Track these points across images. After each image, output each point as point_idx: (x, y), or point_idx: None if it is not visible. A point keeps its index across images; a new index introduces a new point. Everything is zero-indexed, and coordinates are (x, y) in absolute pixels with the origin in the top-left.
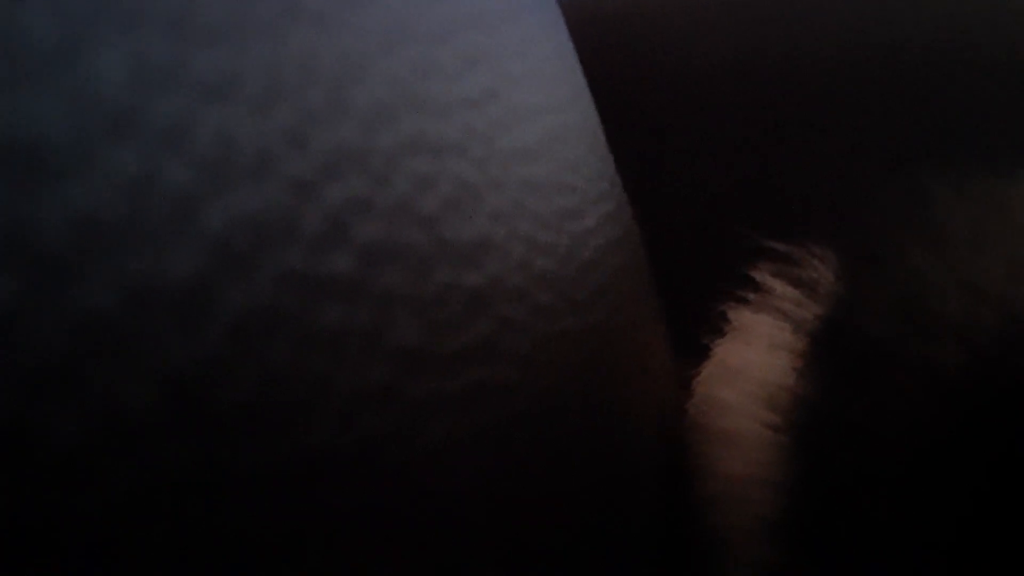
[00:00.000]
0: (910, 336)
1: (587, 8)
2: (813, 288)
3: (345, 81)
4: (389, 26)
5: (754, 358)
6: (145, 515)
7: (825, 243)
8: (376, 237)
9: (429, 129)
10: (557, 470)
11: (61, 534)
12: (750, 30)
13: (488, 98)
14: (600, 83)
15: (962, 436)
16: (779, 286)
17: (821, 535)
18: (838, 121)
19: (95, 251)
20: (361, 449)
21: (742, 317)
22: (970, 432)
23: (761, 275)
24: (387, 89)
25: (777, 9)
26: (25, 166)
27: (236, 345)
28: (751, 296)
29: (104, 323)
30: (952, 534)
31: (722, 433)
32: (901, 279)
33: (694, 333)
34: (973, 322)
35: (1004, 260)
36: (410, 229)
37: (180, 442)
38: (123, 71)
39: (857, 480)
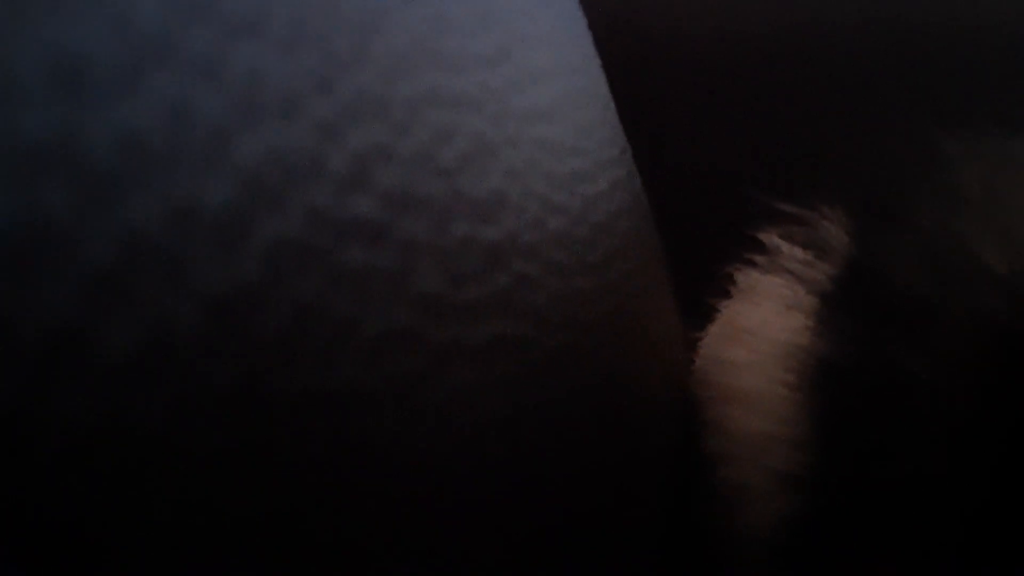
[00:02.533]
0: (925, 294)
1: None
2: (823, 249)
3: (366, 30)
4: None
5: (765, 318)
6: (190, 425)
7: (835, 203)
8: (397, 184)
9: (446, 83)
10: (570, 422)
11: (116, 436)
12: None
13: (502, 57)
14: (608, 49)
15: (979, 392)
16: (788, 247)
17: (837, 491)
18: (847, 81)
19: (139, 171)
20: (388, 387)
21: (751, 279)
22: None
23: (769, 237)
24: (405, 41)
25: None
26: (74, 85)
27: (270, 273)
28: (760, 258)
29: (149, 240)
30: (971, 489)
31: (734, 391)
32: (914, 238)
33: (702, 295)
34: (988, 279)
35: (1018, 217)
36: (429, 179)
37: (222, 360)
38: (159, 1)
39: (872, 436)
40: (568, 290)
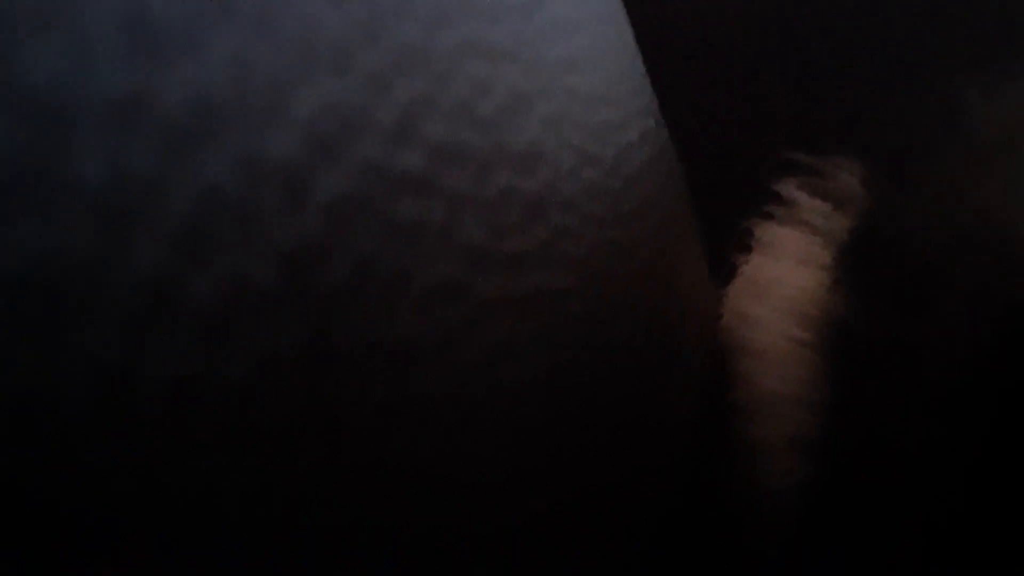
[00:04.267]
0: (947, 245)
1: None
2: (841, 200)
3: None
4: None
5: (782, 273)
6: (269, 378)
7: (852, 154)
8: (441, 136)
9: (483, 33)
10: (605, 373)
11: (206, 388)
12: None
13: (535, 6)
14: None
15: (1002, 349)
16: (806, 199)
17: (846, 454)
18: (863, 31)
19: (208, 126)
20: (438, 338)
21: (769, 232)
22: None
23: (787, 189)
24: None
25: None
26: (147, 44)
27: (332, 226)
28: (778, 211)
29: (223, 194)
30: (991, 450)
31: (754, 347)
32: (934, 188)
33: (722, 249)
34: (1011, 229)
35: None
36: (470, 131)
37: (294, 313)
38: None
39: (888, 398)
40: (604, 241)
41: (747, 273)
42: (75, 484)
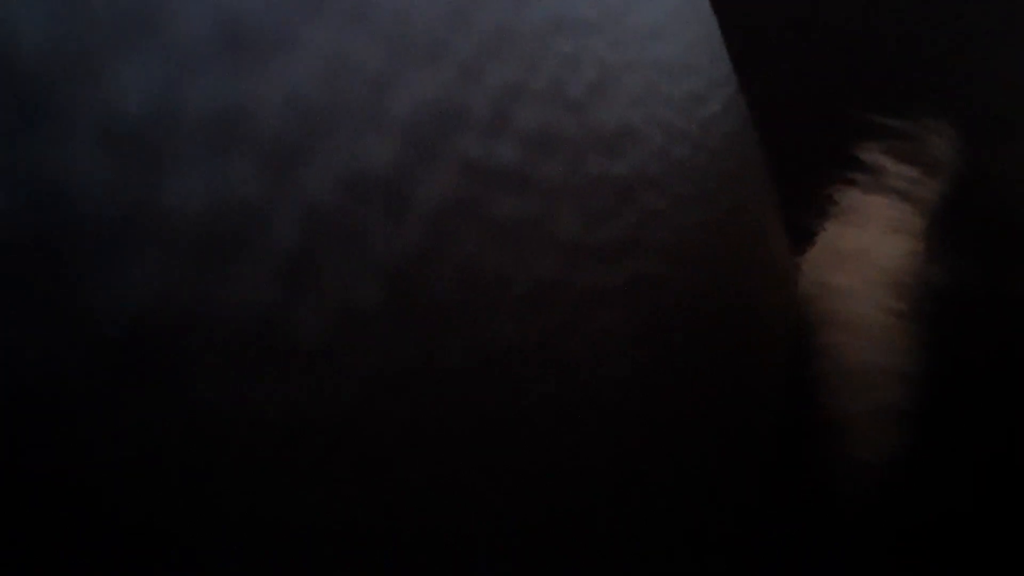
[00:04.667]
0: None
1: None
2: (932, 165)
3: None
4: None
5: (869, 241)
6: (377, 404)
7: (943, 117)
8: (533, 124)
9: (568, 8)
10: (698, 357)
11: (310, 422)
12: None
13: None
14: None
15: None
16: (893, 165)
17: (946, 421)
18: None
19: (307, 132)
20: (539, 341)
21: (853, 200)
22: None
23: (872, 155)
24: None
25: None
26: (237, 47)
27: (435, 234)
28: (862, 178)
29: (325, 210)
30: None
31: (839, 317)
32: None
33: (803, 218)
34: None
35: None
36: (561, 115)
37: (402, 331)
38: None
39: (985, 365)
40: (691, 222)
41: (829, 242)
42: (189, 517)
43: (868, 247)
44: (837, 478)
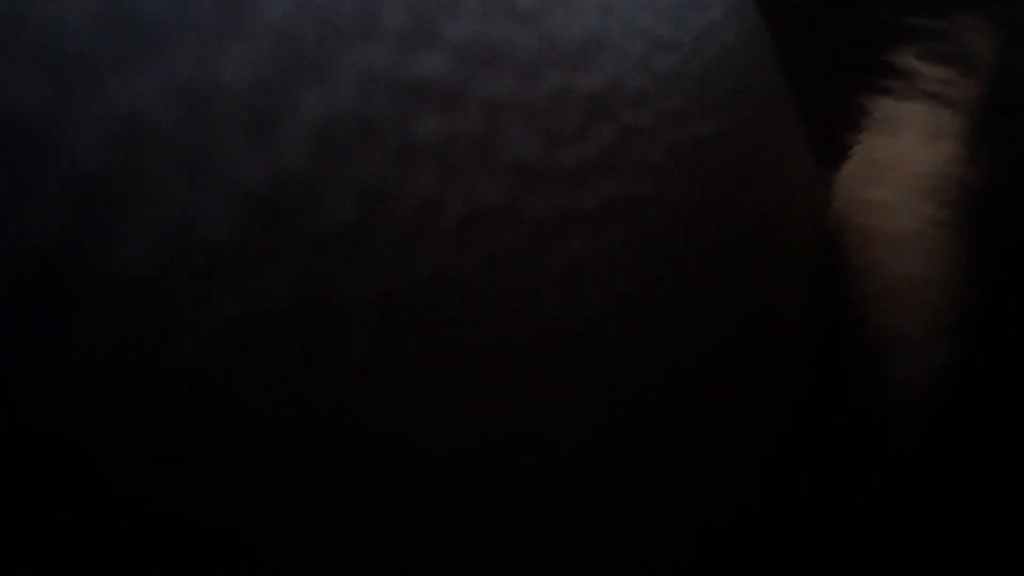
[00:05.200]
0: None
1: None
2: (968, 64)
3: None
4: None
5: (907, 150)
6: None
7: (977, 11)
8: (469, 35)
9: None
10: (703, 284)
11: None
12: None
13: None
14: None
15: None
16: (927, 68)
17: (997, 333)
18: None
19: (123, 38)
20: (483, 272)
21: (887, 108)
22: None
23: (905, 58)
24: None
25: None
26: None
27: (320, 155)
28: (895, 83)
29: (152, 129)
30: None
31: (878, 233)
32: None
33: (834, 131)
34: None
35: None
36: (508, 25)
37: (272, 265)
38: None
39: None
40: (686, 139)
41: (863, 155)
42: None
43: (905, 156)
44: (884, 401)
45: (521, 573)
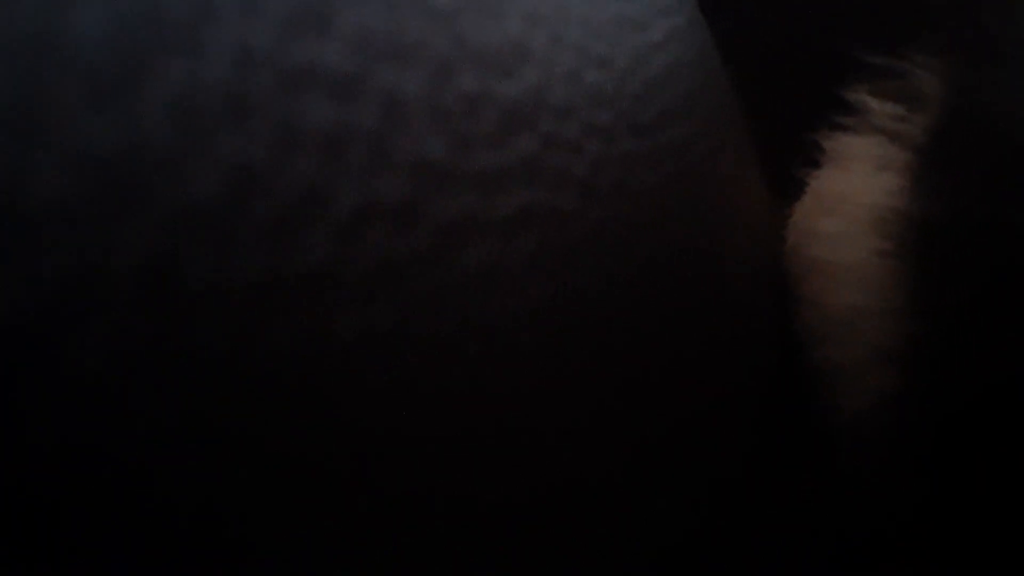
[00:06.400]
0: None
1: None
2: (918, 101)
3: None
4: None
5: (856, 184)
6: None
7: (929, 50)
8: (372, 27)
9: None
10: (631, 304)
11: None
12: None
13: None
14: None
15: None
16: (878, 104)
17: (942, 359)
18: None
19: None
20: (375, 270)
21: (839, 143)
22: None
23: (857, 95)
24: None
25: None
26: None
27: (184, 131)
28: (847, 120)
29: None
30: None
31: (827, 265)
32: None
33: (786, 164)
34: None
35: None
36: (420, 22)
37: (115, 232)
38: None
39: (978, 297)
40: (614, 155)
41: (816, 188)
42: None
43: (853, 189)
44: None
45: None
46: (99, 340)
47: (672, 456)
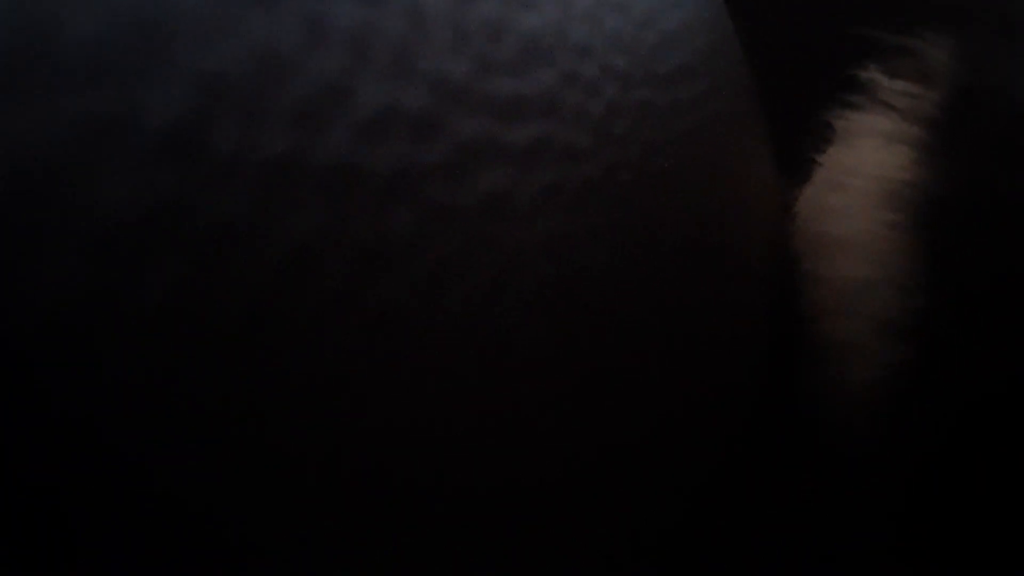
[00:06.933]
0: None
1: None
2: (929, 77)
3: None
4: None
5: (866, 158)
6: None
7: (941, 29)
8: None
9: None
10: (640, 252)
11: None
12: None
13: None
14: None
15: None
16: (889, 81)
17: (953, 334)
18: None
19: None
20: (397, 175)
21: (849, 121)
22: None
23: (869, 73)
24: None
25: None
26: None
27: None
28: (858, 98)
29: None
30: None
31: (835, 239)
32: None
33: (794, 143)
34: None
35: None
36: None
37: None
38: None
39: (986, 271)
40: (631, 101)
41: (825, 164)
42: None
43: (862, 163)
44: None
45: None
46: (121, 190)
47: (668, 434)
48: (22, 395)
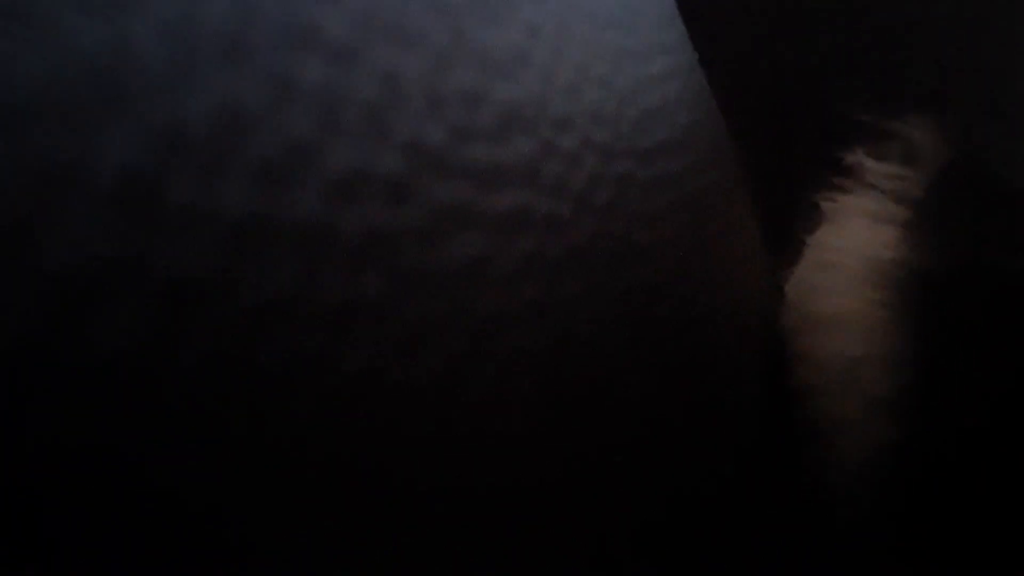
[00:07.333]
0: None
1: None
2: (915, 158)
3: None
4: None
5: (853, 238)
6: None
7: (924, 111)
8: (371, 7)
9: None
10: (622, 324)
11: None
12: None
13: None
14: None
15: None
16: (874, 164)
17: (936, 412)
18: None
19: None
20: (369, 238)
21: (836, 202)
22: None
23: (855, 156)
24: None
25: None
26: None
27: (172, 53)
28: (844, 181)
29: None
30: None
31: (824, 317)
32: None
33: (784, 225)
34: None
35: None
36: (422, 12)
37: (106, 138)
38: None
39: (974, 347)
40: (613, 173)
41: (813, 244)
42: None
43: (850, 242)
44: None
45: None
46: (70, 238)
47: (670, 505)
48: None
